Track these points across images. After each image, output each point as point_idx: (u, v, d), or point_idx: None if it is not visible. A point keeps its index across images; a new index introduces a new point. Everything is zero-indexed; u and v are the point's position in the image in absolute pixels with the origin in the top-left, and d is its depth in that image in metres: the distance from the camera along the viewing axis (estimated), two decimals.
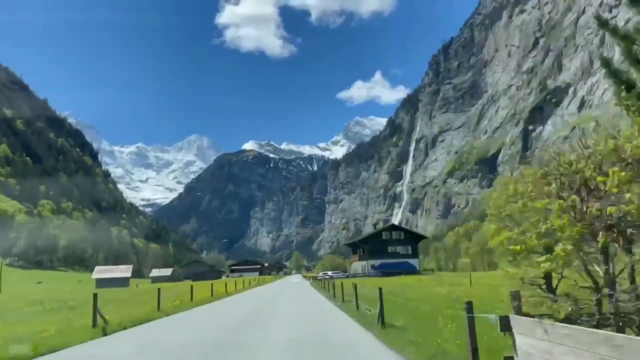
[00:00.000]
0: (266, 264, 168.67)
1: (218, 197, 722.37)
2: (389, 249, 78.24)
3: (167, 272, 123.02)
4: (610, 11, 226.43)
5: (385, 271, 72.09)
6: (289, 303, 25.51)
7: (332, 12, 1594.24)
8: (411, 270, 74.18)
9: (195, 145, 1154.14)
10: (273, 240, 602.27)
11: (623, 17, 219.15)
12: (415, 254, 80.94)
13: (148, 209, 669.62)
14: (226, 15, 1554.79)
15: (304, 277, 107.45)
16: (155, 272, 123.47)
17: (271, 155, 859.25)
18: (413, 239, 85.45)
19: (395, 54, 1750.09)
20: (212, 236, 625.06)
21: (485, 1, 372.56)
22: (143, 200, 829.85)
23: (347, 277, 68.76)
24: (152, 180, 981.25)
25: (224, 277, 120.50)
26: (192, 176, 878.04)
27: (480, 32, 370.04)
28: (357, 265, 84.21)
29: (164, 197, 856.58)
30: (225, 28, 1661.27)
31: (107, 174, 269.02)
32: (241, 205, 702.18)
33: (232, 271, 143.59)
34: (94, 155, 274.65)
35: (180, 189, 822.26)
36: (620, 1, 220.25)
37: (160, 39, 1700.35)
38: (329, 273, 76.29)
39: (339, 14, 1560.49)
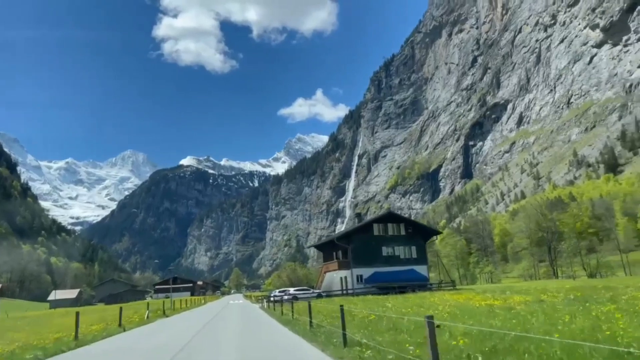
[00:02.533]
0: (200, 282, 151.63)
1: (153, 214, 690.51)
2: (385, 250, 51.90)
3: (72, 294, 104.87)
4: (546, 30, 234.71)
5: (382, 285, 47.69)
6: None
7: (274, 30, 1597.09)
8: (422, 283, 50.06)
9: (130, 161, 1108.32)
10: (211, 258, 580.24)
11: (558, 35, 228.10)
12: (423, 258, 54.12)
13: (77, 227, 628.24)
14: (164, 28, 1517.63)
15: (246, 296, 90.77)
16: (59, 294, 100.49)
17: (210, 171, 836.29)
18: (419, 233, 55.52)
19: (336, 72, 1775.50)
20: (147, 255, 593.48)
21: (425, 20, 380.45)
22: (72, 218, 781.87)
23: (321, 296, 48.00)
24: (82, 197, 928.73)
25: (147, 298, 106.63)
26: (126, 193, 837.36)
27: (421, 49, 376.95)
28: (334, 278, 53.96)
29: (95, 214, 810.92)
30: (162, 41, 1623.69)
31: (25, 188, 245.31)
32: (178, 223, 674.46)
33: (157, 291, 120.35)
34: (11, 167, 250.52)
35: (113, 206, 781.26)
36: (555, 21, 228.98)
37: (94, 52, 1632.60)
38: (291, 290, 51.69)
39: (281, 31, 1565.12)
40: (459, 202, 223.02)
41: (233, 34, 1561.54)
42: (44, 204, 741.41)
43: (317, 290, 52.26)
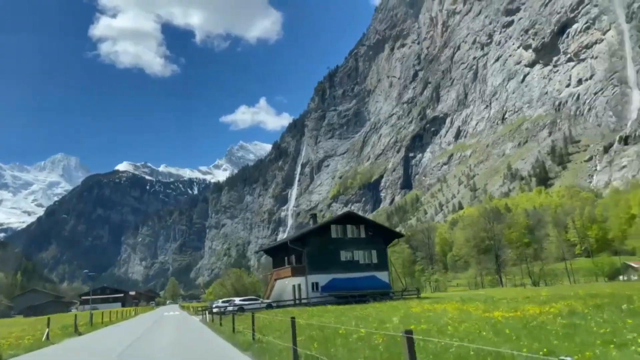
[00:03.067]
0: (132, 293, 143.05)
1: (85, 221, 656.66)
2: (343, 255, 47.06)
3: None
4: (482, 49, 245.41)
5: (341, 294, 43.49)
6: None
7: (218, 35, 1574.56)
8: (384, 291, 46.22)
9: (61, 165, 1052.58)
10: (147, 268, 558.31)
11: (493, 54, 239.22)
12: (384, 264, 49.31)
13: (1, 234, 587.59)
14: (101, 28, 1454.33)
15: (183, 307, 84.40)
16: None
17: (148, 178, 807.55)
18: (380, 236, 50.50)
19: (281, 81, 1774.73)
20: (76, 265, 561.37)
21: (369, 33, 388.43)
22: None
23: (271, 306, 42.80)
24: (6, 202, 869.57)
25: (72, 310, 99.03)
26: (56, 198, 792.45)
27: (364, 62, 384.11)
28: (286, 286, 49.22)
29: (20, 221, 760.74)
30: (100, 41, 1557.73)
31: None
32: (111, 231, 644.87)
33: (83, 302, 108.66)
34: None
35: (40, 212, 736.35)
36: (491, 40, 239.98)
37: (24, 50, 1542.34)
38: (237, 301, 45.48)
39: (225, 37, 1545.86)
40: (399, 212, 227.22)
41: (175, 37, 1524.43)
42: None
43: (267, 301, 46.33)
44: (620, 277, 66.88)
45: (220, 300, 49.92)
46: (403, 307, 25.51)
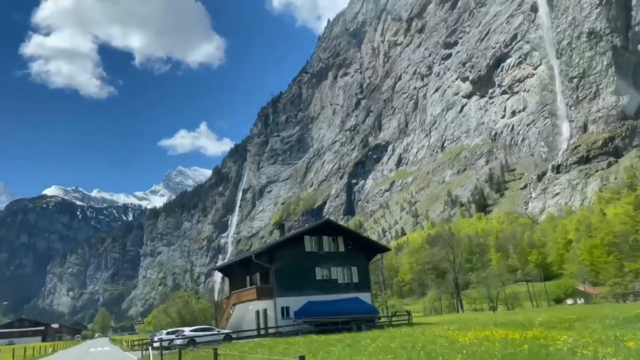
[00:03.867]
0: (55, 326, 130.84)
1: (7, 249, 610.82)
2: (319, 272, 39.70)
3: None
4: (422, 79, 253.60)
5: (319, 320, 36.34)
6: None
7: (158, 59, 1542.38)
8: (369, 316, 38.95)
9: None
10: (74, 299, 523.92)
11: (433, 85, 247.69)
12: (366, 283, 42.70)
13: None
14: (33, 47, 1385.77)
15: (114, 341, 73.60)
16: None
17: (79, 203, 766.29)
18: (362, 251, 43.39)
19: (222, 106, 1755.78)
20: None
21: (312, 61, 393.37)
22: None
23: (230, 338, 34.84)
24: None
25: None
26: None
27: (308, 89, 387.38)
28: (248, 312, 41.01)
29: None
30: (31, 60, 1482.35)
31: None
32: (36, 259, 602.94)
33: None
34: None
35: None
36: (431, 71, 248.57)
37: None
38: (186, 331, 36.54)
39: (165, 61, 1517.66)
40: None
41: (113, 59, 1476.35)
42: None
43: (225, 331, 37.16)
44: (568, 301, 67.77)
45: (165, 332, 42.41)
46: (417, 336, 19.26)
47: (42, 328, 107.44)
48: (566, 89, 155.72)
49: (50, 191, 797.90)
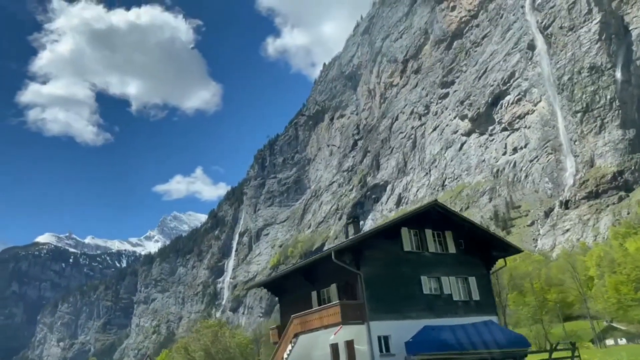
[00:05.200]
0: None
1: None
2: (427, 284, 27.99)
3: None
4: (420, 119, 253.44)
5: (442, 359, 24.92)
6: None
7: (154, 105, 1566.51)
8: (521, 351, 27.41)
9: None
10: (64, 350, 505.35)
11: (431, 124, 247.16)
12: (490, 302, 30.94)
13: None
14: (30, 94, 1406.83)
15: None
16: None
17: (72, 250, 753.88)
18: (480, 252, 31.41)
19: (218, 151, 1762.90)
20: None
21: (308, 104, 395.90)
22: None
23: None
24: None
25: None
26: None
27: (305, 131, 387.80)
28: (319, 344, 27.80)
29: None
30: (27, 108, 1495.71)
31: None
32: (27, 309, 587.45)
33: None
34: None
35: None
36: (428, 110, 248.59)
37: None
38: None
39: (162, 107, 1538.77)
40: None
41: (109, 106, 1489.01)
42: None
43: None
44: (608, 342, 62.42)
45: None
46: None
47: None
48: (569, 124, 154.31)
49: (44, 238, 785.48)
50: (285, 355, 28.60)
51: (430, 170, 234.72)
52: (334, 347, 26.95)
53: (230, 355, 45.51)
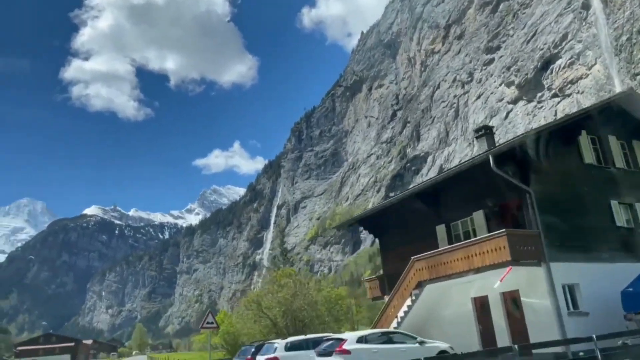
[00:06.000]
0: (88, 342, 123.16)
1: (49, 268, 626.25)
2: (619, 213, 20.28)
3: None
4: (463, 87, 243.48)
5: None
6: None
7: (192, 80, 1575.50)
8: None
9: (27, 210, 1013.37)
10: (113, 316, 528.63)
11: (474, 92, 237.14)
12: None
13: None
14: (73, 71, 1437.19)
15: (151, 357, 63.97)
16: None
17: (117, 222, 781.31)
18: None
19: (255, 125, 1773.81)
20: (37, 314, 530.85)
21: (346, 74, 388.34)
22: None
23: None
24: None
25: None
26: (19, 244, 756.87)
27: (342, 102, 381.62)
28: (458, 299, 20.87)
29: None
30: (71, 84, 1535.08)
31: None
32: (76, 278, 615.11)
33: (20, 355, 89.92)
34: None
35: (2, 259, 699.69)
36: (472, 78, 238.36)
37: None
38: (349, 340, 16.59)
39: (199, 82, 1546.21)
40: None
41: (149, 81, 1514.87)
42: None
43: (437, 343, 18.07)
44: None
45: (283, 342, 19.50)
46: None
47: (72, 345, 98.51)
48: (627, 87, 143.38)
49: (90, 211, 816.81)
50: (401, 314, 21.27)
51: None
52: (480, 303, 19.54)
53: (316, 312, 35.23)
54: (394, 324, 21.78)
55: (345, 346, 15.97)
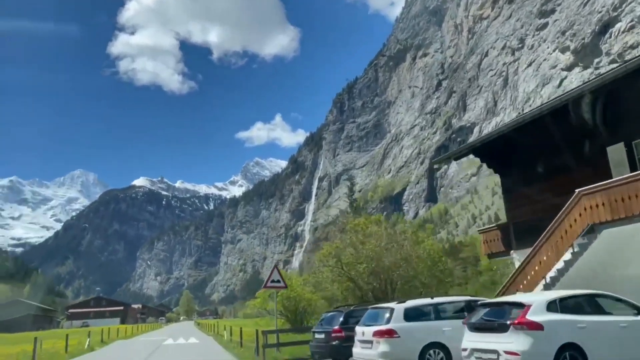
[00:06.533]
0: (137, 306, 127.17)
1: (101, 236, 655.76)
2: None
3: None
4: (513, 54, 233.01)
5: None
6: None
7: (235, 53, 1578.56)
8: None
9: (80, 181, 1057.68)
10: (161, 283, 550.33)
11: (525, 59, 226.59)
12: None
13: (18, 249, 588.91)
14: (120, 45, 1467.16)
15: (199, 326, 64.25)
16: None
17: (164, 193, 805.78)
18: None
19: (296, 97, 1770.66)
20: (92, 279, 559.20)
21: (389, 43, 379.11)
22: (13, 239, 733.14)
23: None
24: (26, 217, 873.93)
25: (62, 326, 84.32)
26: (74, 214, 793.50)
27: (385, 73, 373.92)
28: None
29: (38, 236, 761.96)
30: (118, 58, 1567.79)
31: None
32: (127, 246, 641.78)
33: (71, 317, 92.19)
34: None
35: (58, 227, 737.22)
36: (523, 44, 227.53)
37: (43, 68, 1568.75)
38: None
39: (242, 55, 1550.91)
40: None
41: (193, 54, 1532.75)
42: None
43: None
44: None
45: (401, 310, 13.20)
46: None
47: (121, 308, 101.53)
48: None
49: (139, 182, 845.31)
50: (552, 274, 15.32)
51: (523, 110, 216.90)
52: None
53: (415, 271, 26.29)
54: (539, 287, 15.50)
55: (531, 316, 9.77)
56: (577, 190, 15.22)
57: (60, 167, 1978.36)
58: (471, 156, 24.83)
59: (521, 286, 16.26)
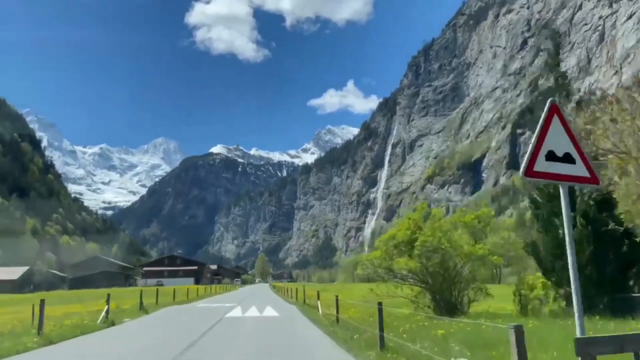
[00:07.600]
0: (213, 267, 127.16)
1: (182, 201, 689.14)
2: None
3: (13, 273, 77.07)
4: (611, 6, 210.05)
5: None
6: None
7: (307, 19, 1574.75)
8: None
9: (162, 148, 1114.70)
10: (238, 247, 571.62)
11: (625, 11, 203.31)
12: None
13: (109, 212, 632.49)
14: (196, 15, 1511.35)
15: (275, 289, 63.05)
16: None
17: (240, 160, 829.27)
18: None
19: (369, 62, 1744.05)
20: (174, 241, 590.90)
21: (469, 1, 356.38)
22: (104, 202, 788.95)
23: None
24: (114, 182, 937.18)
25: (138, 284, 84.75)
26: (157, 179, 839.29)
27: (464, 33, 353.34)
28: None
29: (126, 200, 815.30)
30: (195, 28, 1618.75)
31: (48, 166, 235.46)
32: (206, 210, 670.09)
33: (146, 275, 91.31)
34: (34, 143, 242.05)
35: (144, 192, 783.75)
36: None
37: (128, 42, 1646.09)
38: None
39: (314, 21, 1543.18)
40: (508, 194, 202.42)
41: (266, 22, 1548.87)
42: (77, 187, 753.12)
43: None
44: None
45: None
46: None
47: (195, 268, 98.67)
48: None
49: (216, 149, 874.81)
50: None
51: (621, 68, 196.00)
52: None
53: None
54: None
55: None
56: None
57: (144, 135, 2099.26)
58: None
59: None
